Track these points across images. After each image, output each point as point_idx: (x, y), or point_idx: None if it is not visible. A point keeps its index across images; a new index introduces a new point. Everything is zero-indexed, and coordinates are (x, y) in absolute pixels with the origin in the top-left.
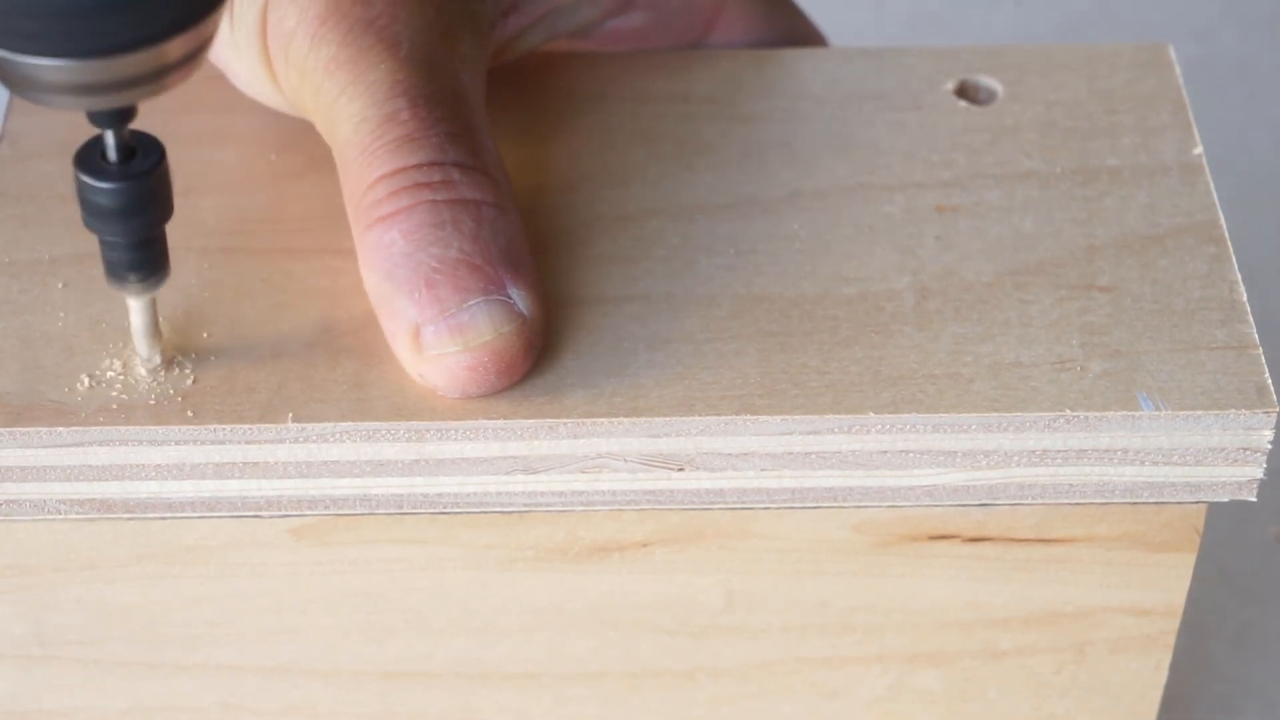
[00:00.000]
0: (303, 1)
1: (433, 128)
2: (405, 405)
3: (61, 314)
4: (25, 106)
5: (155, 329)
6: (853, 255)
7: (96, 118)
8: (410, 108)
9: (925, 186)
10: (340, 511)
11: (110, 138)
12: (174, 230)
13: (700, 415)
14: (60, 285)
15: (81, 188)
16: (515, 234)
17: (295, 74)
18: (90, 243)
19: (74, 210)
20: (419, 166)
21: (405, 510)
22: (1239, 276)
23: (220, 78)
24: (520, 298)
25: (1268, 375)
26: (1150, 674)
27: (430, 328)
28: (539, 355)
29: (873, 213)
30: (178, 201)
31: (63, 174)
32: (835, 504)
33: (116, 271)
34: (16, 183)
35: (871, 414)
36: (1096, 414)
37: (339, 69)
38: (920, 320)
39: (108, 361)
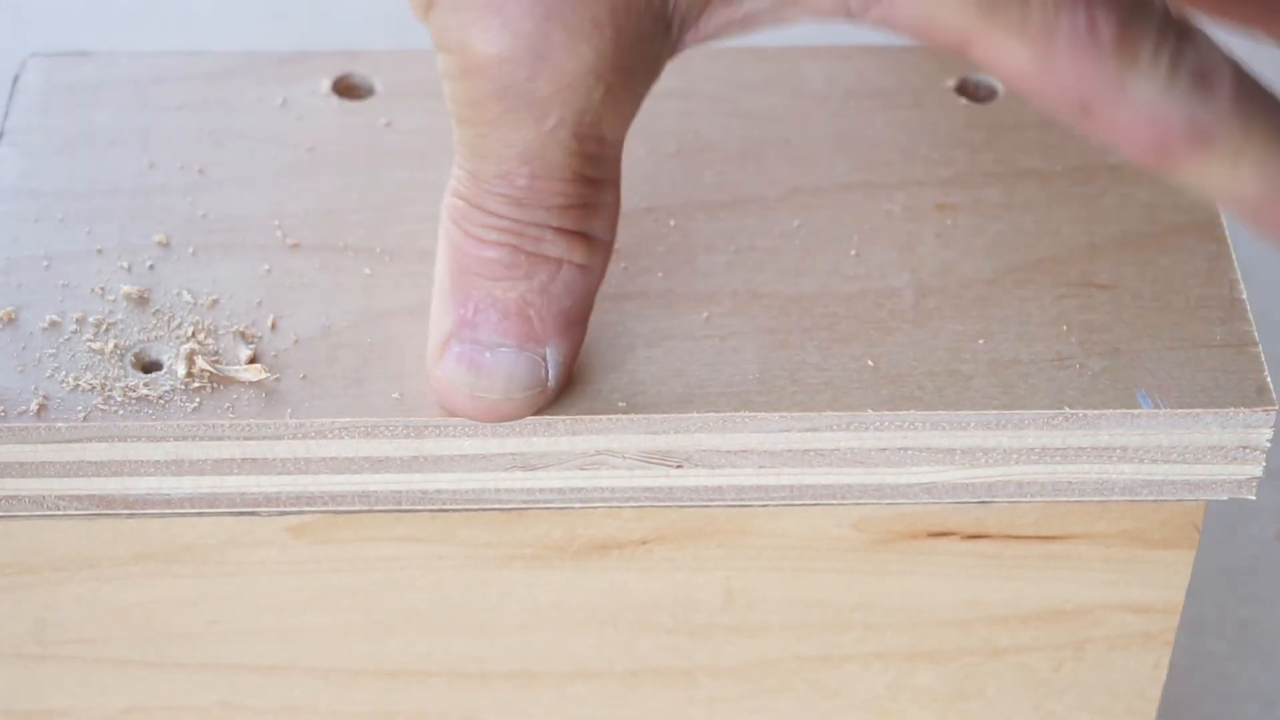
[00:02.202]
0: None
1: (544, 201)
2: (404, 401)
3: (61, 311)
4: (27, 106)
5: None
6: (852, 252)
7: None
8: (529, 179)
9: (925, 184)
10: (338, 508)
11: None
12: (174, 226)
13: (699, 412)
14: (60, 283)
15: None
16: (583, 296)
17: (442, 62)
18: (86, 240)
19: (72, 207)
20: (518, 221)
21: (403, 507)
22: (1239, 275)
23: (227, 74)
24: (554, 363)
25: (1267, 373)
26: (1149, 671)
27: (456, 348)
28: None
29: (872, 210)
30: (179, 200)
31: (63, 172)
32: (834, 501)
33: None
34: (16, 181)
35: (870, 411)
36: (1095, 411)
37: (480, 110)
38: (919, 317)
39: (106, 358)
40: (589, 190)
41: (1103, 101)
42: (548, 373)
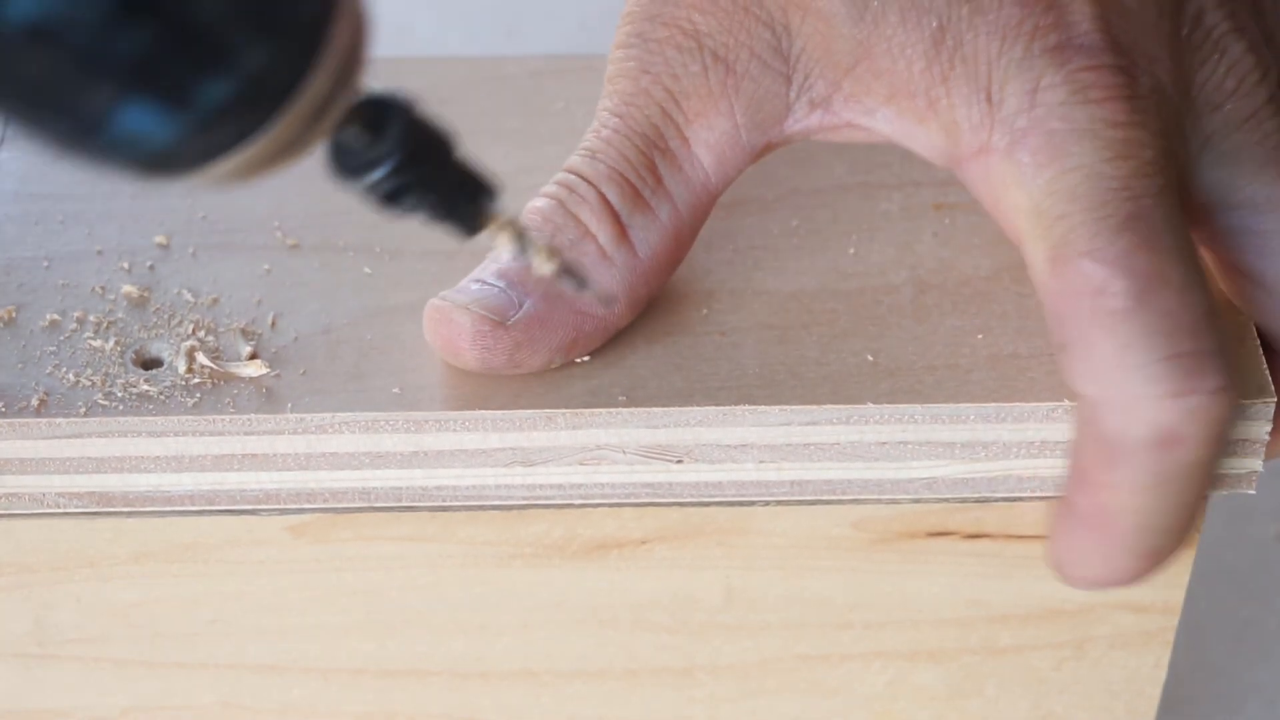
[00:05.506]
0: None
1: (610, 158)
2: (404, 396)
3: (61, 309)
4: None
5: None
6: (851, 250)
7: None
8: (613, 131)
9: (923, 185)
10: (339, 505)
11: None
12: (174, 226)
13: (699, 406)
14: (61, 282)
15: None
16: (603, 275)
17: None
18: (86, 241)
19: (72, 209)
20: (578, 175)
21: (404, 503)
22: None
23: None
24: (525, 312)
25: (1265, 366)
26: (1149, 671)
27: (467, 277)
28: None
29: (870, 210)
30: (179, 202)
31: (63, 175)
32: (834, 498)
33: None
34: (18, 185)
35: (870, 404)
36: None
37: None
38: (918, 313)
39: (106, 355)
40: (650, 180)
41: (1074, 354)
42: (515, 314)
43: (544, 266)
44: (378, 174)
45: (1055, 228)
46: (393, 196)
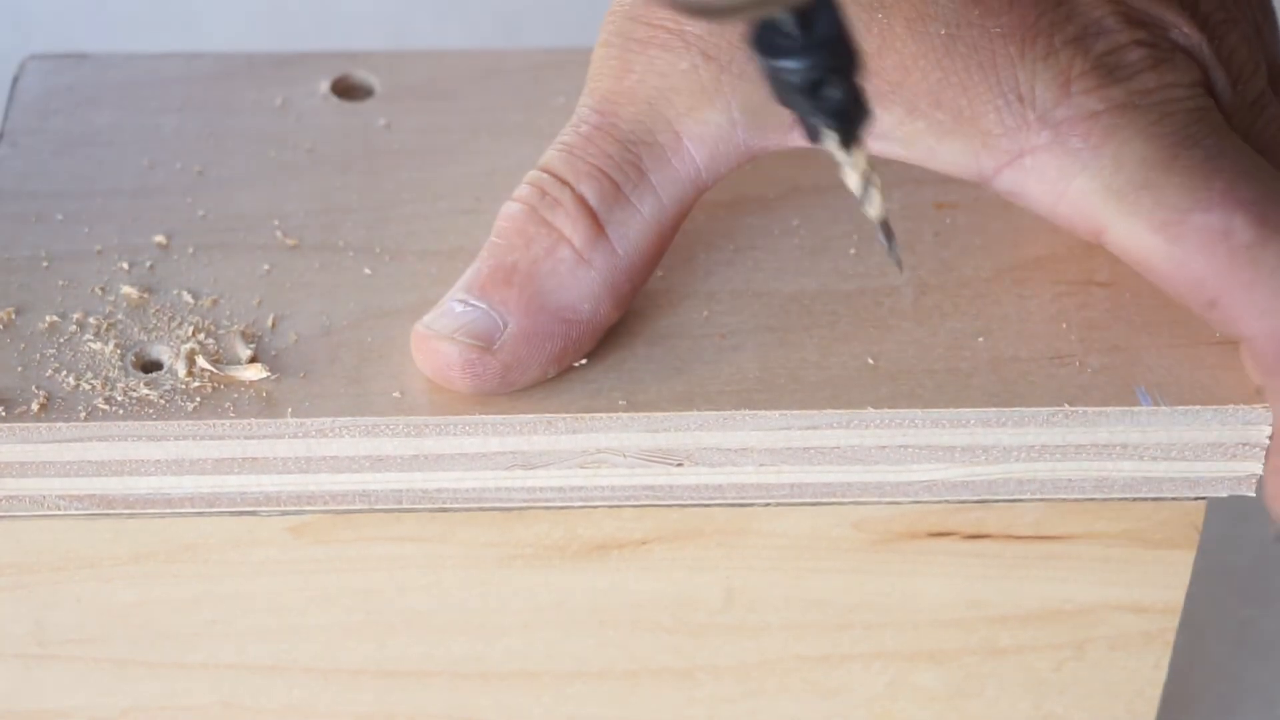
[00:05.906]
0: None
1: (591, 154)
2: (404, 400)
3: (61, 310)
4: (26, 107)
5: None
6: (851, 251)
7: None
8: (592, 127)
9: (923, 183)
10: (339, 508)
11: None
12: (174, 226)
13: (699, 410)
14: (60, 283)
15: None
16: (566, 291)
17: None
18: (86, 240)
19: (72, 208)
20: (554, 176)
21: (404, 506)
22: None
23: (226, 76)
24: (510, 334)
25: None
26: (1149, 671)
27: (445, 300)
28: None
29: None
30: (179, 200)
31: (63, 173)
32: (834, 500)
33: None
34: (16, 182)
35: (870, 409)
36: (1095, 409)
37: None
38: (919, 315)
39: (107, 357)
40: (634, 175)
41: (1230, 302)
42: (499, 336)
43: (873, 210)
44: (797, 63)
45: (1144, 198)
46: (802, 89)
